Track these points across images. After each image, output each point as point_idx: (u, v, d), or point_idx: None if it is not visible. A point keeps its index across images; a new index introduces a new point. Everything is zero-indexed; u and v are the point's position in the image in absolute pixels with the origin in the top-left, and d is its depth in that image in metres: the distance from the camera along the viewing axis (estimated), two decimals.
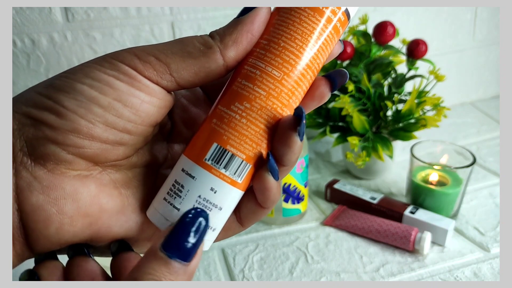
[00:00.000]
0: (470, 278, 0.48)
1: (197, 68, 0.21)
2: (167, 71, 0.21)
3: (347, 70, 0.63)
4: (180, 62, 0.21)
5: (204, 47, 0.22)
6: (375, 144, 0.60)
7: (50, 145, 0.20)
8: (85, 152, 0.21)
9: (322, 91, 0.23)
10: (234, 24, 0.22)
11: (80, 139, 0.20)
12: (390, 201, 0.58)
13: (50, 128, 0.20)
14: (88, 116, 0.20)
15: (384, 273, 0.49)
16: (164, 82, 0.21)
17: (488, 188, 0.64)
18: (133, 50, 0.22)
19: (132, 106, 0.21)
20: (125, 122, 0.21)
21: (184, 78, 0.22)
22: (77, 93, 0.20)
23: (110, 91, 0.21)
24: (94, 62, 0.21)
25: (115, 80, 0.21)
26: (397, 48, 0.64)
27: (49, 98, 0.20)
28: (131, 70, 0.21)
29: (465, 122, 0.85)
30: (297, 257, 0.52)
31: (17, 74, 0.64)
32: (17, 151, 0.20)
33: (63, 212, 0.21)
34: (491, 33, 0.90)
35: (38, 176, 0.20)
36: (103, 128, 0.21)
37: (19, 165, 0.20)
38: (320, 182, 0.67)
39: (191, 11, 0.68)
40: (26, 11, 0.62)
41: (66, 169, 0.21)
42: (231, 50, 0.22)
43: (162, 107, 0.22)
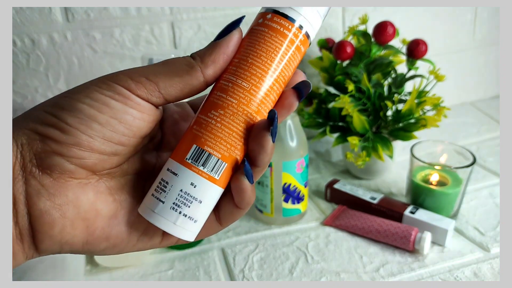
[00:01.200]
0: (470, 278, 0.48)
1: (182, 85, 0.25)
2: (156, 89, 0.25)
3: (347, 70, 0.63)
4: (167, 80, 0.25)
5: (188, 67, 0.25)
6: (375, 144, 0.60)
7: (56, 157, 0.23)
8: (86, 162, 0.24)
9: (290, 101, 0.27)
10: (212, 46, 0.26)
11: (81, 151, 0.24)
12: (390, 201, 0.58)
13: (55, 142, 0.23)
14: (88, 132, 0.24)
15: (384, 273, 0.49)
16: (154, 99, 0.25)
17: (488, 188, 0.64)
18: (127, 72, 0.25)
19: (126, 122, 0.24)
20: (120, 136, 0.25)
21: (171, 94, 0.25)
22: (78, 111, 0.24)
23: (107, 110, 0.24)
24: (94, 83, 0.25)
25: (111, 100, 0.24)
26: (397, 48, 0.64)
27: (54, 115, 0.24)
28: (125, 90, 0.24)
29: (465, 122, 0.85)
30: (297, 257, 0.52)
31: (16, 73, 0.64)
32: (27, 162, 0.23)
33: (66, 216, 0.24)
34: (491, 33, 0.90)
35: (45, 184, 0.23)
36: (101, 141, 0.24)
37: (29, 175, 0.23)
38: (320, 182, 0.67)
39: (191, 11, 0.68)
40: (26, 11, 0.62)
41: (69, 178, 0.24)
42: (210, 68, 0.26)
43: (151, 121, 0.26)
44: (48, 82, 0.66)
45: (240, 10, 0.70)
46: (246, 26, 0.28)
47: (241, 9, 0.70)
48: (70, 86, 0.67)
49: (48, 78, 0.66)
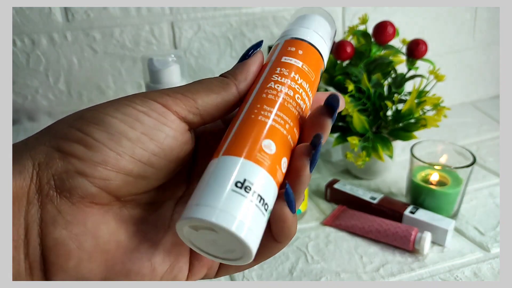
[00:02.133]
0: (470, 278, 0.48)
1: (218, 101, 0.25)
2: (194, 105, 0.24)
3: (347, 70, 0.63)
4: (205, 96, 0.24)
5: (223, 84, 0.25)
6: (375, 144, 0.60)
7: (78, 178, 0.21)
8: (110, 184, 0.22)
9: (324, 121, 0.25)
10: (242, 65, 0.26)
11: (107, 170, 0.21)
12: (390, 201, 0.58)
13: (79, 160, 0.21)
14: (117, 149, 0.21)
15: (384, 273, 0.49)
16: (191, 116, 0.24)
17: (488, 188, 0.64)
18: (164, 90, 0.24)
19: (158, 140, 0.22)
20: (150, 154, 0.22)
21: (207, 110, 0.24)
22: (108, 125, 0.22)
23: (138, 125, 0.22)
24: (127, 98, 0.23)
25: (144, 116, 0.22)
26: (397, 48, 0.64)
27: (80, 130, 0.21)
28: (161, 106, 0.23)
29: (465, 122, 0.85)
30: (297, 257, 0.52)
31: (16, 73, 0.64)
32: (44, 184, 0.21)
33: (83, 248, 0.21)
34: (491, 33, 0.90)
35: (62, 210, 0.21)
36: (129, 160, 0.22)
37: (45, 198, 0.21)
38: (320, 182, 0.67)
39: (191, 11, 0.68)
40: (26, 11, 0.62)
41: (90, 204, 0.21)
42: (243, 84, 0.26)
43: (184, 143, 0.24)
44: (48, 82, 0.66)
45: (241, 10, 0.70)
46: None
47: (242, 9, 0.70)
48: (70, 86, 0.67)
49: (48, 78, 0.66)
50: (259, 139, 0.23)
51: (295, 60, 0.26)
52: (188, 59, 0.71)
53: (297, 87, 0.26)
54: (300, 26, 0.29)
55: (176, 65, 0.50)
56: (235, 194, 0.20)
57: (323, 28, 0.29)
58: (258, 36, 0.72)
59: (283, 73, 0.26)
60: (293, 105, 0.25)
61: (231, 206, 0.20)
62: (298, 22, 0.29)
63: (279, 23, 0.73)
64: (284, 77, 0.26)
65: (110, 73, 0.68)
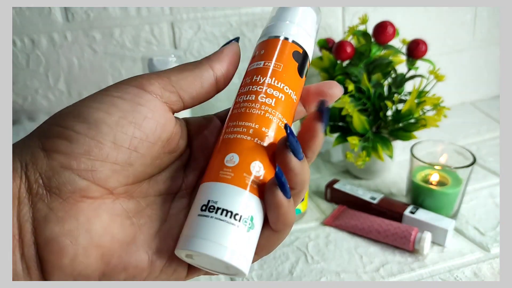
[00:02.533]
0: (470, 278, 0.48)
1: (192, 78, 0.25)
2: (168, 82, 0.24)
3: (347, 70, 0.63)
4: (178, 74, 0.24)
5: (196, 63, 0.26)
6: (375, 144, 0.60)
7: (65, 172, 0.21)
8: (98, 175, 0.22)
9: (315, 127, 0.24)
10: (216, 52, 0.27)
11: (91, 160, 0.21)
12: (390, 201, 0.58)
13: (62, 155, 0.21)
14: (97, 137, 0.21)
15: (384, 273, 0.49)
16: (166, 94, 0.24)
17: (488, 188, 0.64)
18: (139, 75, 0.24)
19: (136, 122, 0.22)
20: (131, 137, 0.22)
21: (182, 87, 0.24)
22: (85, 116, 0.22)
23: (115, 110, 0.22)
24: (103, 89, 0.24)
25: (119, 100, 0.22)
26: (397, 48, 0.64)
27: (59, 125, 0.22)
28: (135, 88, 0.23)
29: (465, 122, 0.85)
30: (297, 257, 0.52)
31: (16, 74, 0.64)
32: (33, 183, 0.21)
33: (77, 243, 0.21)
34: (491, 33, 0.90)
35: (54, 207, 0.21)
36: (111, 146, 0.22)
37: (35, 197, 0.21)
38: (320, 182, 0.67)
39: (191, 11, 0.68)
40: (26, 12, 0.62)
41: (81, 198, 0.21)
42: (217, 63, 0.26)
43: (165, 124, 0.24)
44: (48, 83, 0.66)
45: (240, 10, 0.70)
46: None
47: (242, 9, 0.70)
48: (70, 87, 0.67)
49: (48, 78, 0.66)
50: (222, 157, 0.24)
51: (257, 63, 0.27)
52: (188, 59, 0.71)
53: (259, 87, 0.26)
54: (267, 25, 0.29)
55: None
56: (201, 218, 0.22)
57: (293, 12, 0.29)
58: (258, 36, 0.72)
59: (246, 81, 0.27)
60: (256, 107, 0.25)
61: (199, 229, 0.22)
62: (268, 21, 0.30)
63: None
64: (247, 85, 0.26)
65: (110, 73, 0.68)
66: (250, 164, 0.23)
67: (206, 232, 0.22)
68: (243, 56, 0.27)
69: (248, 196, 0.23)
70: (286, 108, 0.26)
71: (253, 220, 0.23)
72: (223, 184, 0.23)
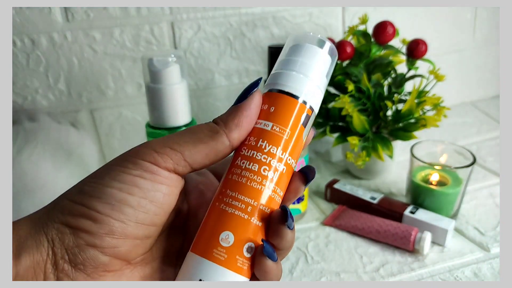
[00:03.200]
0: (470, 278, 0.48)
1: (207, 151, 0.25)
2: (181, 158, 0.24)
3: (347, 70, 0.63)
4: (192, 148, 0.24)
5: (212, 133, 0.25)
6: (375, 144, 0.60)
7: (90, 250, 0.22)
8: (120, 251, 0.23)
9: (296, 186, 0.26)
10: (235, 110, 0.25)
11: (115, 239, 0.23)
12: (390, 201, 0.58)
13: (88, 234, 0.22)
14: (121, 217, 0.23)
15: (384, 273, 0.49)
16: (180, 168, 0.24)
17: (488, 188, 0.64)
18: (150, 144, 0.24)
19: (157, 200, 0.24)
20: (152, 216, 0.24)
21: (196, 161, 0.25)
22: (108, 197, 0.23)
23: (137, 191, 0.23)
24: (118, 164, 0.24)
25: (140, 180, 0.23)
26: (397, 48, 0.64)
27: (83, 205, 0.23)
28: (151, 165, 0.24)
29: (465, 122, 0.85)
30: (297, 257, 0.52)
31: (16, 74, 0.64)
32: (59, 259, 0.22)
33: None
34: (491, 33, 0.90)
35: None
36: (134, 226, 0.23)
37: (60, 273, 0.22)
38: (320, 182, 0.67)
39: (191, 11, 0.68)
40: (26, 11, 0.62)
41: (103, 272, 0.23)
42: (235, 132, 0.25)
43: (178, 193, 0.25)
44: (48, 83, 0.66)
45: (240, 10, 0.70)
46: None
47: (242, 9, 0.70)
48: (70, 86, 0.67)
49: (48, 78, 0.66)
50: (217, 233, 0.24)
51: (265, 123, 0.26)
52: (188, 59, 0.71)
53: (264, 157, 0.25)
54: (282, 68, 0.27)
55: (176, 65, 0.50)
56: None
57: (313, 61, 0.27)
58: (258, 36, 0.72)
59: (251, 143, 0.26)
60: (257, 181, 0.25)
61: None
62: (282, 63, 0.28)
63: (279, 23, 0.73)
64: (251, 149, 0.25)
65: (110, 73, 0.68)
66: (244, 245, 0.24)
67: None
68: (243, 56, 0.27)
69: (237, 278, 0.24)
70: (286, 179, 0.26)
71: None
72: (215, 266, 0.24)
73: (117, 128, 0.72)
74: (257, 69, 0.73)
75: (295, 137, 0.26)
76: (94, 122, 0.71)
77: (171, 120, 0.50)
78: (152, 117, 0.51)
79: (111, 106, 0.70)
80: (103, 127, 0.71)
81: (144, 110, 0.71)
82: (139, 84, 0.70)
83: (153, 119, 0.51)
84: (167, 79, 0.49)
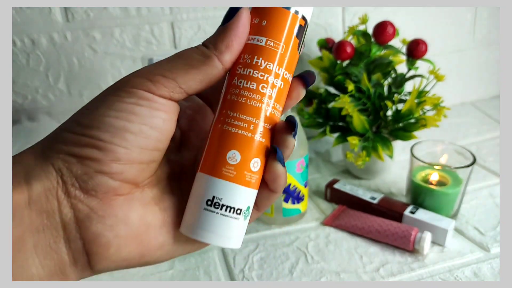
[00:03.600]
0: (470, 278, 0.48)
1: (201, 76, 0.25)
2: (176, 85, 0.24)
3: (347, 70, 0.63)
4: (185, 74, 0.24)
5: (203, 57, 0.25)
6: (375, 144, 0.60)
7: (99, 176, 0.23)
8: (128, 175, 0.24)
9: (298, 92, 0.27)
10: (223, 31, 0.25)
11: (122, 165, 0.23)
12: (390, 201, 0.58)
13: (95, 162, 0.23)
14: (123, 144, 0.23)
15: (384, 273, 0.49)
16: (175, 95, 0.24)
17: (488, 188, 0.64)
18: (141, 73, 0.24)
19: (157, 126, 0.24)
20: (154, 141, 0.24)
21: (191, 87, 0.25)
22: (108, 125, 0.23)
23: (135, 118, 0.23)
24: (111, 93, 0.24)
25: (136, 107, 0.23)
26: (397, 48, 0.64)
27: (85, 135, 0.23)
28: (146, 93, 0.24)
29: (465, 122, 0.85)
30: (297, 257, 0.52)
31: (16, 73, 0.64)
32: (69, 186, 0.23)
33: (119, 236, 0.24)
34: (491, 33, 0.90)
35: (93, 207, 0.23)
36: (138, 151, 0.24)
37: (74, 199, 0.23)
38: (320, 182, 0.67)
39: (191, 10, 0.68)
40: (26, 11, 0.62)
41: (115, 195, 0.24)
42: (226, 54, 0.25)
43: (176, 118, 0.26)
44: (48, 82, 0.66)
45: None
46: None
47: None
48: (70, 86, 0.67)
49: (48, 78, 0.66)
50: (223, 152, 0.25)
51: (258, 39, 0.25)
52: None
53: (261, 74, 0.25)
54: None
55: None
56: (207, 212, 0.25)
57: None
58: None
59: (246, 61, 0.25)
60: (257, 99, 0.25)
61: (208, 223, 0.25)
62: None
63: None
64: (246, 67, 0.25)
65: (110, 73, 0.68)
66: (250, 161, 0.25)
67: (214, 227, 0.25)
68: None
69: (247, 191, 0.26)
70: (283, 94, 0.27)
71: (249, 208, 0.26)
72: (226, 182, 0.25)
73: None
74: None
75: (290, 51, 0.26)
76: None
77: None
78: None
79: None
80: None
81: None
82: None
83: None
84: None
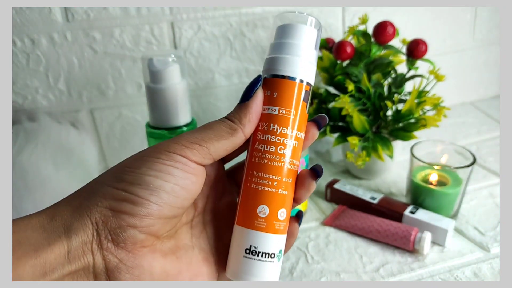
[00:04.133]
0: (470, 278, 0.48)
1: (228, 146, 0.30)
2: (208, 152, 0.29)
3: (347, 70, 0.63)
4: (217, 144, 0.29)
5: (231, 130, 0.30)
6: (375, 144, 0.60)
7: (130, 230, 0.26)
8: (153, 229, 0.27)
9: (313, 134, 0.32)
10: (245, 108, 0.30)
11: (152, 220, 0.27)
12: (390, 201, 0.58)
13: (129, 216, 0.26)
14: (158, 201, 0.27)
15: (384, 273, 0.49)
16: (205, 161, 0.29)
17: (488, 188, 0.64)
18: (180, 140, 0.29)
19: (187, 187, 0.28)
20: (182, 200, 0.28)
21: (219, 154, 0.30)
22: (147, 183, 0.27)
23: (170, 178, 0.27)
24: (152, 155, 0.28)
25: (173, 169, 0.27)
26: (397, 48, 0.64)
27: (125, 191, 0.26)
28: (183, 158, 0.28)
29: (465, 122, 0.85)
30: (297, 257, 0.52)
31: (16, 73, 0.64)
32: (103, 239, 0.26)
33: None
34: (491, 33, 0.90)
35: (122, 258, 0.26)
36: (168, 208, 0.27)
37: (105, 251, 0.26)
38: (320, 182, 0.67)
39: (191, 11, 0.68)
40: (26, 11, 0.62)
41: (141, 247, 0.27)
42: (248, 127, 0.30)
43: (203, 181, 0.30)
44: (48, 82, 0.66)
45: (241, 10, 0.70)
46: None
47: (242, 9, 0.70)
48: (70, 86, 0.67)
49: (48, 78, 0.66)
50: (254, 208, 0.30)
51: (271, 109, 0.30)
52: (188, 59, 0.71)
53: (278, 138, 0.30)
54: (276, 53, 0.31)
55: (176, 65, 0.50)
56: (247, 259, 0.30)
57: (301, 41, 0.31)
58: (258, 36, 0.72)
59: (264, 128, 0.31)
60: (276, 160, 0.30)
61: (248, 268, 0.30)
62: (275, 47, 0.31)
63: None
64: (265, 133, 0.30)
65: (110, 73, 0.68)
66: (277, 212, 0.30)
67: (254, 271, 0.30)
68: (243, 56, 0.28)
69: (278, 237, 0.30)
70: (298, 150, 0.31)
71: (281, 251, 0.31)
72: (259, 233, 0.30)
73: (117, 128, 0.72)
74: (257, 69, 0.73)
75: (299, 114, 0.31)
76: (94, 122, 0.71)
77: (171, 120, 0.50)
78: (152, 117, 0.51)
79: (111, 106, 0.70)
80: (103, 127, 0.71)
81: (144, 110, 0.71)
82: (139, 84, 0.70)
83: (153, 119, 0.51)
84: (167, 79, 0.49)
